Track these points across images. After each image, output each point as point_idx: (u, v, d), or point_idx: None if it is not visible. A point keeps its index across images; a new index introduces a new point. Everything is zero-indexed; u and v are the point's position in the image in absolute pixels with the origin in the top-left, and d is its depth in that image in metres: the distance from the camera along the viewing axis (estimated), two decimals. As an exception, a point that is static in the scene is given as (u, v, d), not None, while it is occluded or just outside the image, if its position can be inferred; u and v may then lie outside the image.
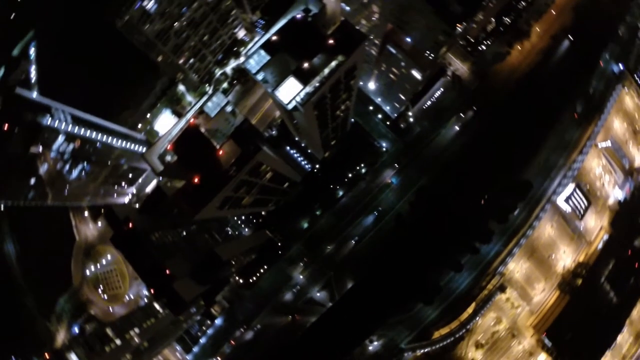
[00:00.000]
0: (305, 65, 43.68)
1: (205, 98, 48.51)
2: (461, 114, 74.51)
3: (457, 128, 75.54)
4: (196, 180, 40.29)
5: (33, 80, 50.41)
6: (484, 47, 78.99)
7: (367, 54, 64.64)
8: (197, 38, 57.83)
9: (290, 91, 43.57)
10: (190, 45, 57.61)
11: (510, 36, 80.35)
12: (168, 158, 42.75)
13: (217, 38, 61.64)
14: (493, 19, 77.07)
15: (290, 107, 43.78)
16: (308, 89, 44.07)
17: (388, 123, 71.44)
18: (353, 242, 67.08)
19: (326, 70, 44.62)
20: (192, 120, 43.79)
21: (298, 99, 43.39)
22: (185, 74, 57.41)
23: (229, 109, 48.02)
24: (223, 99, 48.98)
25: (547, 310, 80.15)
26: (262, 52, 45.66)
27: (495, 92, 79.56)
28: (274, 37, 45.25)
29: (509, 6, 78.33)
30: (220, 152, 40.80)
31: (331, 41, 44.30)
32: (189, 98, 57.03)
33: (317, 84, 44.25)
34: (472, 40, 78.70)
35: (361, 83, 70.28)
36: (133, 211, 47.69)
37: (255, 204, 52.38)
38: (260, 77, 44.89)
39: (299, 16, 46.68)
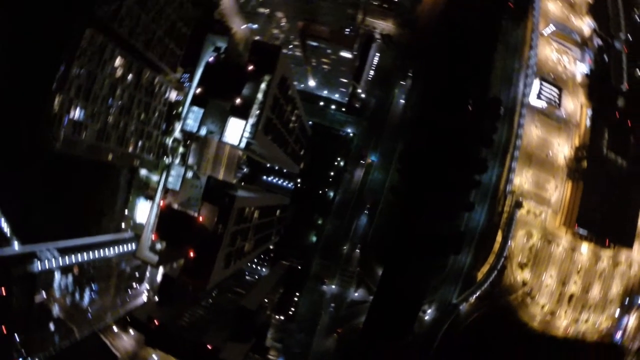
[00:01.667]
0: (238, 101, 44.14)
1: (164, 174, 48.78)
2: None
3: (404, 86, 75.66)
4: (192, 254, 40.75)
5: (8, 234, 50.48)
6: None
7: (294, 58, 65.06)
8: (134, 121, 57.96)
9: (236, 131, 43.95)
10: (132, 130, 57.76)
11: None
12: (159, 246, 43.27)
13: (152, 111, 61.80)
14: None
15: (242, 145, 44.25)
16: (251, 120, 44.51)
17: (344, 109, 72.00)
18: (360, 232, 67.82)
19: (259, 95, 45.10)
20: (161, 203, 44.13)
21: (246, 135, 43.76)
22: (140, 158, 57.52)
23: (189, 174, 48.35)
24: (180, 169, 49.29)
25: (568, 203, 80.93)
26: (194, 107, 46.15)
27: (428, 32, 79.89)
28: (198, 89, 45.68)
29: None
30: (201, 219, 41.18)
31: (251, 67, 44.79)
32: (155, 177, 57.22)
33: (258, 112, 44.71)
34: (383, -4, 78.86)
35: (302, 85, 70.78)
36: (153, 307, 48.21)
37: (258, 245, 52.87)
38: (203, 132, 45.34)
39: (211, 59, 47.06)
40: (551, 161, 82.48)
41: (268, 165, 64.48)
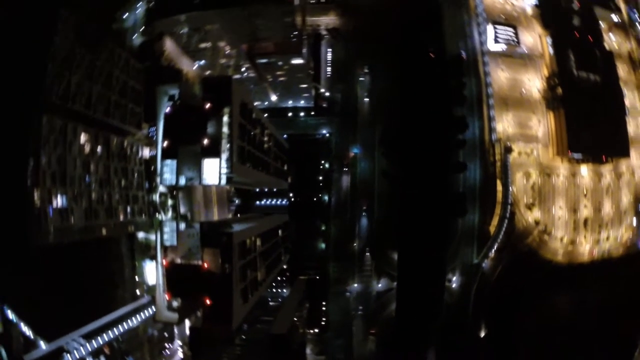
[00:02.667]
0: (206, 141, 44.57)
1: (158, 233, 49.21)
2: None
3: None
4: (208, 301, 41.21)
5: (32, 337, 50.84)
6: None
7: (248, 80, 65.51)
8: (117, 189, 58.17)
9: (213, 170, 44.37)
10: (117, 199, 58.00)
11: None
12: (175, 304, 43.67)
13: (131, 174, 61.96)
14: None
15: (224, 182, 44.65)
16: (224, 155, 44.88)
17: (312, 113, 72.37)
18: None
19: (225, 129, 45.50)
20: (164, 262, 44.60)
21: (224, 171, 44.21)
22: (133, 223, 57.76)
23: (182, 226, 48.78)
24: (172, 223, 49.71)
25: (555, 133, 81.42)
26: (167, 161, 46.59)
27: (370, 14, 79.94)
28: (165, 143, 46.08)
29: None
30: (205, 265, 41.60)
31: (208, 105, 45.25)
32: (153, 237, 57.55)
33: (228, 145, 45.16)
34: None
35: (265, 103, 71.21)
36: (189, 362, 48.72)
37: (270, 269, 53.27)
38: (182, 181, 45.76)
39: (168, 109, 47.44)
40: (527, 98, 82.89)
41: (257, 190, 64.92)
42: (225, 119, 45.11)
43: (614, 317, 67.10)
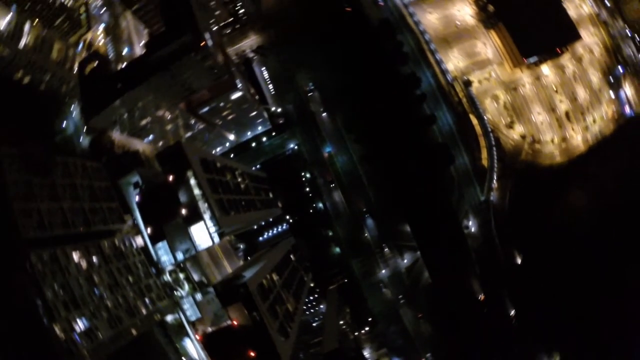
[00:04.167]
0: (183, 211, 45.10)
1: (180, 313, 49.84)
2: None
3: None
4: (252, 354, 41.80)
5: None
6: (240, 11, 79.63)
7: (200, 132, 66.21)
8: (128, 287, 58.62)
9: (203, 234, 44.94)
10: (132, 296, 58.51)
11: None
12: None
13: (135, 267, 62.10)
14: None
15: (217, 240, 45.21)
16: (207, 215, 45.37)
17: (274, 133, 72.69)
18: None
19: (196, 191, 45.92)
20: (197, 337, 45.26)
21: (212, 230, 44.72)
22: (157, 311, 58.25)
23: (199, 296, 49.38)
24: (189, 297, 50.34)
25: (503, 48, 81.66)
26: (158, 244, 47.18)
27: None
28: (148, 229, 46.66)
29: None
30: (235, 323, 42.17)
31: (170, 177, 45.74)
32: (178, 315, 58.17)
33: (206, 204, 45.64)
34: (231, 20, 78.96)
35: (227, 145, 71.72)
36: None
37: (297, 295, 53.72)
38: (180, 257, 46.36)
39: (137, 198, 47.98)
40: (464, 28, 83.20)
41: (255, 227, 65.48)
42: (192, 181, 45.53)
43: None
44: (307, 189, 71.46)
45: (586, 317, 65.31)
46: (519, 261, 71.21)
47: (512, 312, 69.41)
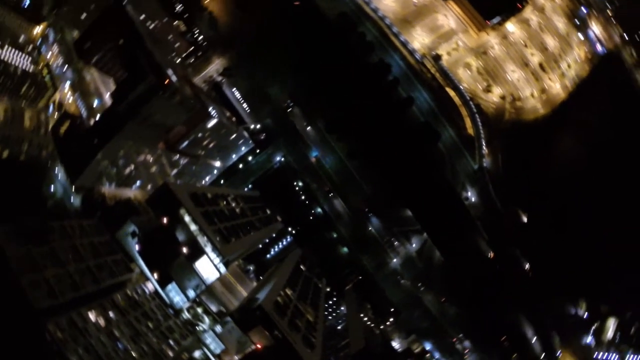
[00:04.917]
0: (184, 249, 45.43)
1: (204, 349, 50.12)
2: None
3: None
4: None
5: None
6: (199, 38, 79.82)
7: (186, 167, 66.58)
8: (150, 334, 58.83)
9: (209, 267, 45.31)
10: (155, 341, 58.74)
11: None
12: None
13: (152, 313, 62.26)
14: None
15: (224, 271, 45.52)
16: (208, 249, 45.76)
17: (258, 150, 72.79)
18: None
19: (192, 227, 46.24)
20: (225, 367, 45.54)
21: (216, 261, 45.05)
22: (182, 349, 58.53)
23: (218, 328, 49.70)
24: (209, 333, 50.66)
25: (465, 14, 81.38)
26: (167, 287, 47.56)
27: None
28: (155, 275, 46.97)
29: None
30: (259, 346, 42.47)
31: (164, 220, 46.02)
32: (203, 351, 58.59)
33: (205, 237, 45.96)
34: (192, 49, 79.13)
35: (215, 172, 71.95)
36: None
37: (315, 305, 53.97)
38: (192, 294, 46.67)
39: (137, 247, 48.29)
40: (422, 4, 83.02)
41: (260, 246, 65.65)
42: (187, 218, 45.75)
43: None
44: (303, 197, 71.71)
45: (600, 260, 65.70)
46: (525, 220, 71.34)
47: (527, 266, 69.70)
